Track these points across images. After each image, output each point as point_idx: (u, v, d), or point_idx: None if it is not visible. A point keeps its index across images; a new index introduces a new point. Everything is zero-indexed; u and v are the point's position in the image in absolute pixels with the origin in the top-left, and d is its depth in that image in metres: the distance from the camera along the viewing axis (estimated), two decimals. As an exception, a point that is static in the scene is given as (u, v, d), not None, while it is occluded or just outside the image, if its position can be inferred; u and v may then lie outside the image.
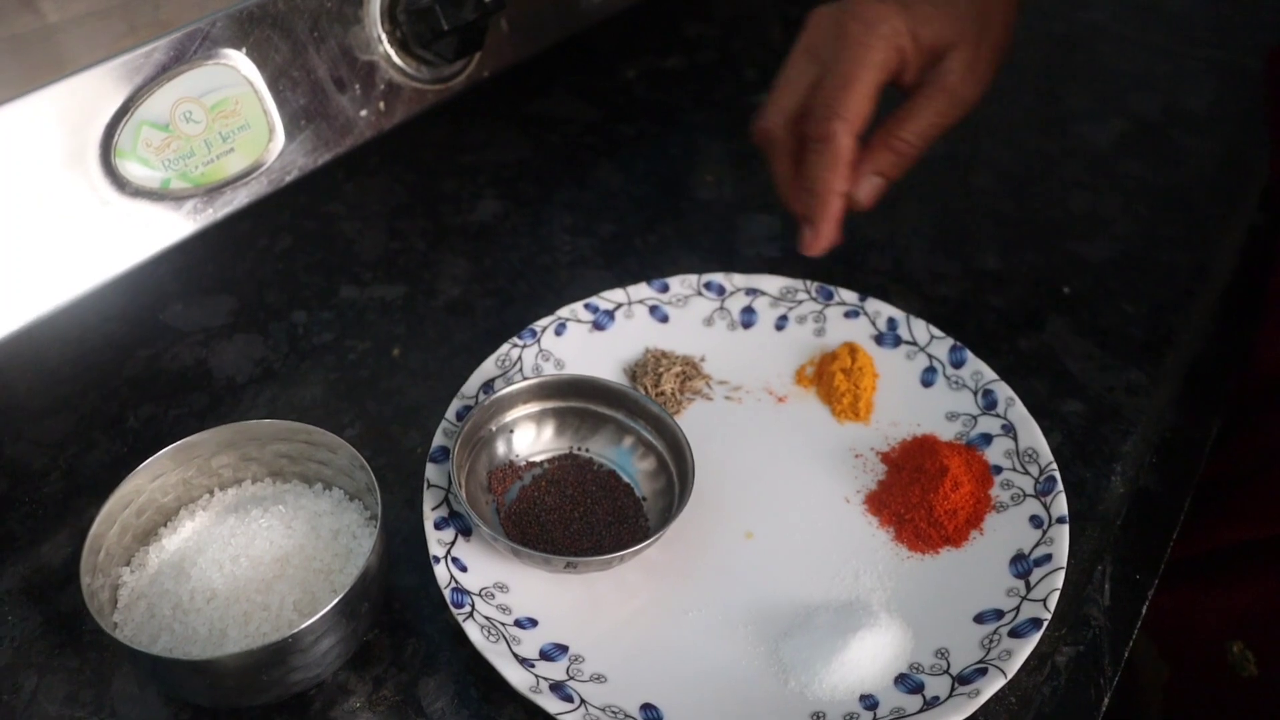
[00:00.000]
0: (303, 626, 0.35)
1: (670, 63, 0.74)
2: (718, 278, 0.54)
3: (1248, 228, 0.62)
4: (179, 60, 0.47)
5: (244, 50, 0.50)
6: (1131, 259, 0.59)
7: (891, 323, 0.52)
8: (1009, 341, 0.54)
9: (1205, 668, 0.63)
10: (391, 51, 0.56)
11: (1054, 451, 0.46)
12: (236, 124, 0.51)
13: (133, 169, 0.47)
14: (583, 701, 0.37)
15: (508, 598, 0.41)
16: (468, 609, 0.40)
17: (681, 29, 0.78)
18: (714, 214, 0.62)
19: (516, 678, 0.38)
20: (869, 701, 0.39)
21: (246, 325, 0.55)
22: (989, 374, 0.49)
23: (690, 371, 0.50)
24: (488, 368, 0.48)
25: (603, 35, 0.76)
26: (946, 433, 0.48)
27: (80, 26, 0.48)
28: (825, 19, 0.49)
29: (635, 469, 0.46)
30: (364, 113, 0.55)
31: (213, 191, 0.50)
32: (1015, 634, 0.40)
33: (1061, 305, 0.56)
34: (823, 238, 0.48)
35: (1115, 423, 0.50)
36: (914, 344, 0.51)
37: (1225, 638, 0.61)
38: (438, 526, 0.42)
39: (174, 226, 0.47)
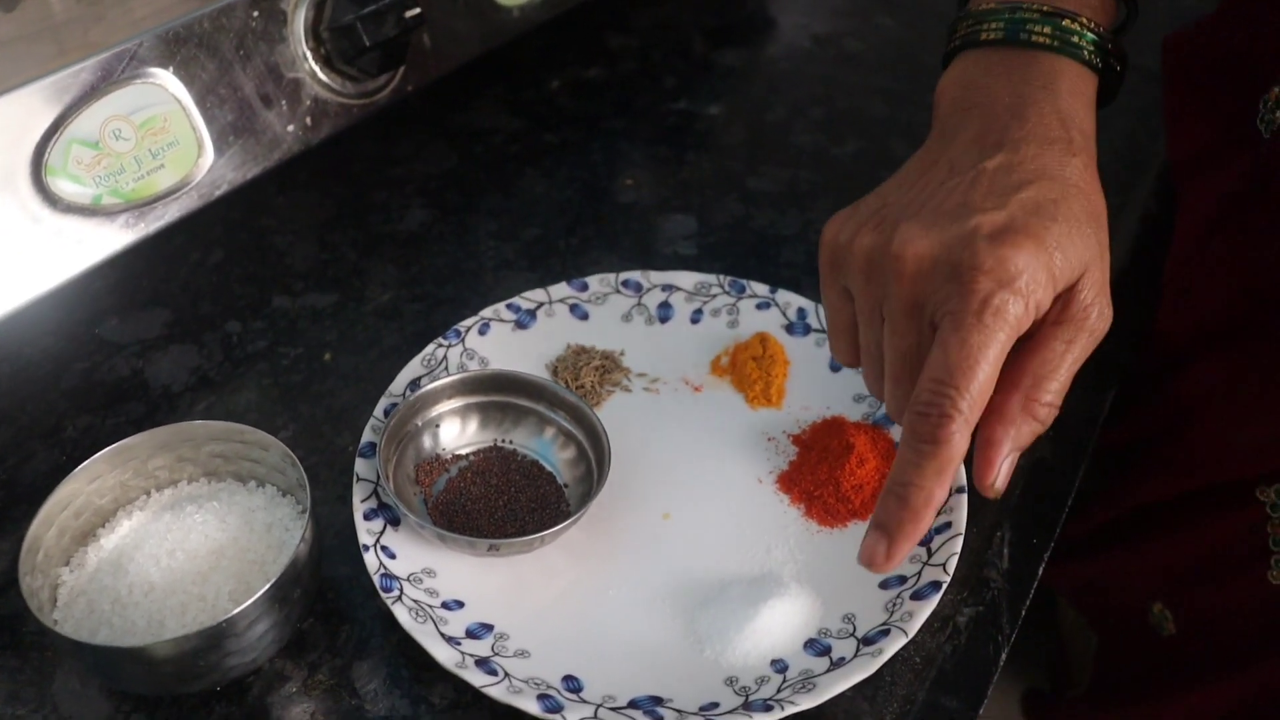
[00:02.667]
0: (235, 612, 0.37)
1: (592, 73, 0.77)
2: (635, 275, 0.56)
3: (1140, 216, 0.65)
4: (107, 79, 0.49)
5: (171, 69, 0.52)
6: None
7: (801, 312, 0.55)
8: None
9: (1130, 632, 0.66)
10: (316, 68, 0.58)
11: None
12: (166, 140, 0.53)
13: (64, 186, 0.48)
14: (506, 675, 0.40)
15: (435, 582, 0.43)
16: (396, 593, 0.42)
17: (603, 40, 0.81)
18: (633, 215, 0.64)
19: (443, 655, 0.40)
20: (779, 665, 0.41)
21: (181, 336, 0.56)
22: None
23: (609, 365, 0.53)
24: (414, 367, 0.51)
25: (526, 48, 0.78)
26: (854, 414, 0.51)
27: (8, 49, 0.49)
28: (933, 262, 0.37)
29: (556, 458, 0.48)
30: (291, 128, 0.57)
31: (144, 207, 0.52)
32: (917, 596, 0.42)
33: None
34: (898, 557, 0.36)
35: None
36: (823, 331, 0.54)
37: (1146, 600, 0.64)
38: (366, 517, 0.44)
39: (106, 241, 0.49)
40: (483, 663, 0.40)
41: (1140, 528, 0.64)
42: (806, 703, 0.38)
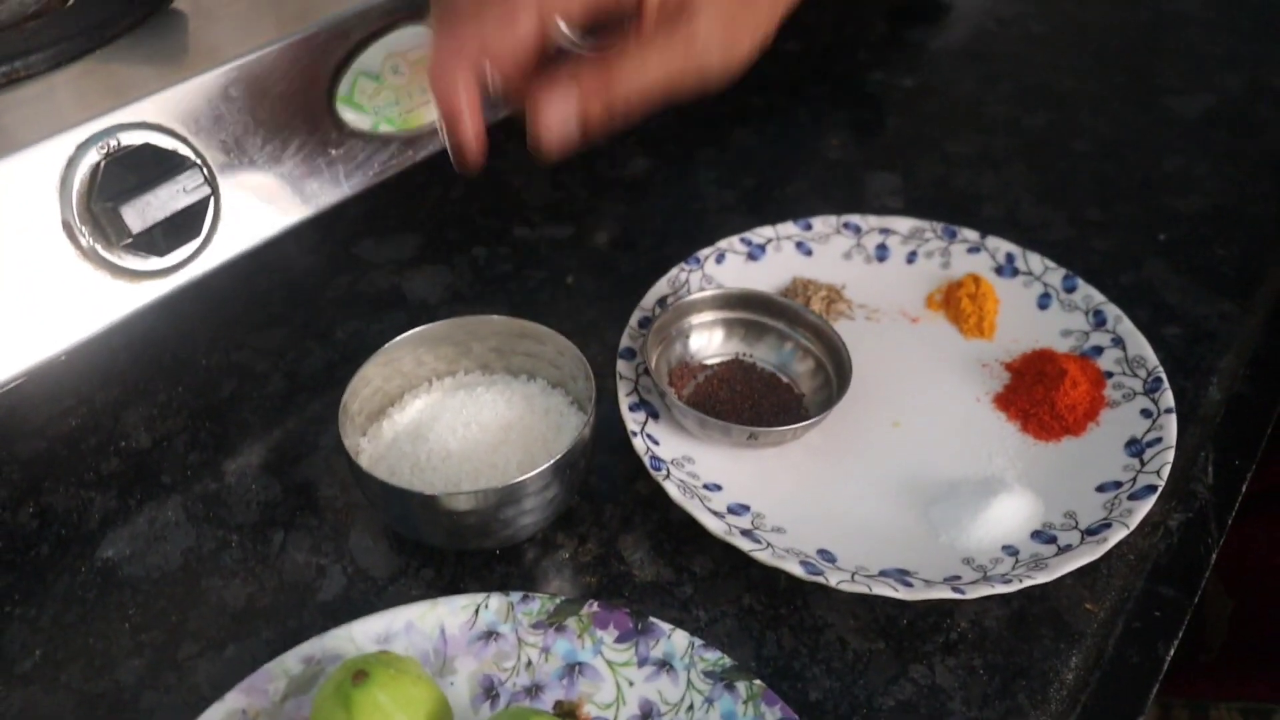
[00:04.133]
0: (525, 477, 0.42)
1: (790, 45, 0.81)
2: (854, 218, 0.60)
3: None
4: (391, 20, 0.55)
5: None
6: (1223, 211, 0.65)
7: (1010, 256, 0.58)
8: (1112, 278, 0.60)
9: (1268, 595, 0.68)
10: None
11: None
12: (434, 78, 0.58)
13: (349, 114, 0.54)
14: (769, 545, 0.44)
15: (695, 468, 0.48)
16: (664, 472, 0.46)
17: (797, 15, 0.85)
18: (840, 171, 0.68)
19: (713, 524, 0.44)
20: (1010, 550, 0.45)
21: (433, 258, 0.62)
22: (1098, 297, 0.55)
23: (834, 296, 0.57)
24: (661, 286, 0.55)
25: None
26: (1062, 347, 0.55)
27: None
28: None
29: (796, 370, 0.53)
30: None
31: (411, 136, 0.57)
32: (1134, 498, 0.46)
33: (1159, 249, 0.63)
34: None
35: (1210, 343, 0.56)
36: (1030, 274, 0.58)
37: None
38: (631, 409, 0.49)
39: (382, 166, 0.54)
40: (747, 533, 0.44)
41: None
42: (1040, 578, 0.42)
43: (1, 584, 0.45)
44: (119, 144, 0.45)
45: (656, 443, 0.48)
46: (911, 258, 0.59)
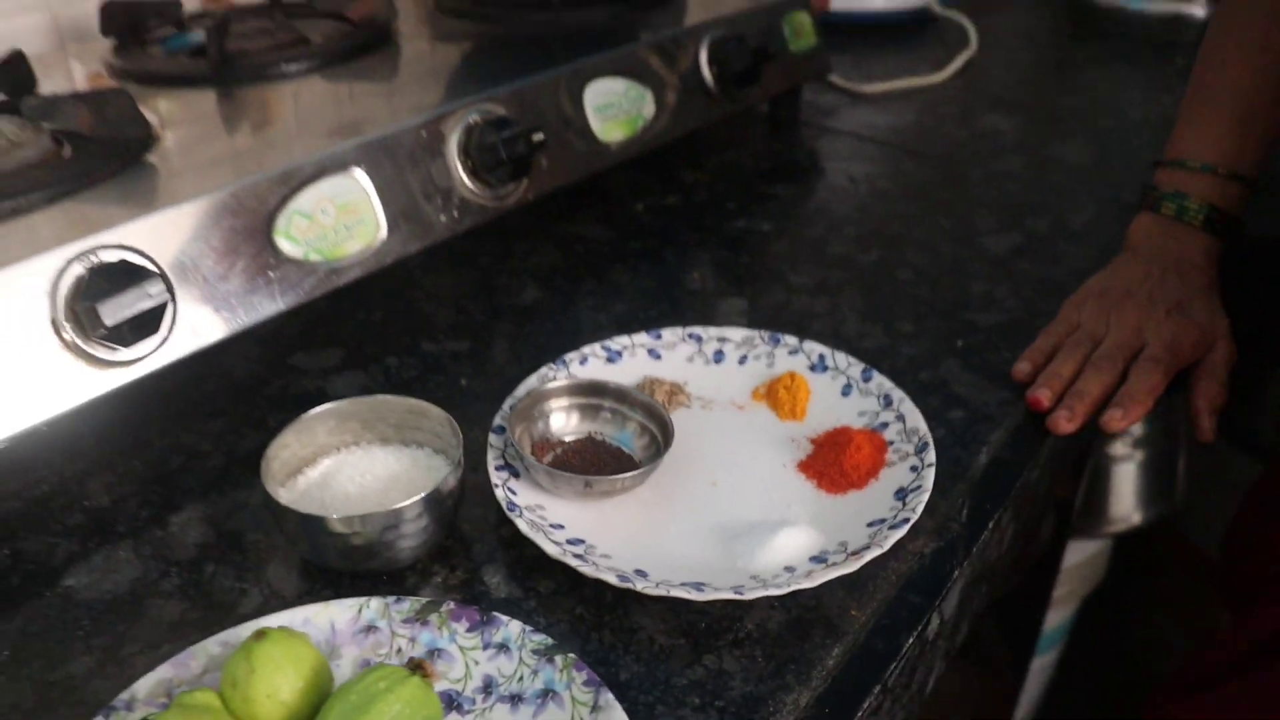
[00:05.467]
0: (403, 504, 0.54)
1: (670, 200, 0.97)
2: (698, 329, 0.74)
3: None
4: (321, 172, 0.69)
5: (363, 168, 0.72)
6: (1014, 323, 0.79)
7: (821, 356, 0.72)
8: (913, 375, 0.73)
9: None
10: (464, 176, 0.78)
11: (938, 443, 0.65)
12: (356, 218, 0.72)
13: (284, 244, 0.68)
14: (594, 564, 0.56)
15: (544, 512, 0.60)
16: (518, 513, 0.58)
17: (680, 175, 1.01)
18: (698, 299, 0.82)
19: (551, 549, 0.56)
20: (790, 569, 0.57)
21: (352, 366, 0.75)
22: (889, 384, 0.69)
23: (675, 390, 0.70)
24: (531, 381, 0.69)
25: (619, 177, 0.99)
26: (857, 424, 0.67)
27: (255, 154, 0.70)
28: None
29: (634, 444, 0.65)
30: (443, 218, 0.77)
31: (336, 265, 0.71)
32: (893, 528, 0.58)
33: (955, 353, 0.76)
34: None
35: (986, 423, 0.69)
36: (837, 369, 0.71)
37: None
38: (497, 469, 0.62)
39: (310, 288, 0.68)
40: (577, 556, 0.56)
41: (1234, 669, 0.72)
42: (806, 584, 0.54)
43: (-19, 605, 0.57)
44: (99, 260, 0.59)
45: (514, 493, 0.60)
46: (743, 360, 0.73)
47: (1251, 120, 0.80)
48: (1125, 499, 1.36)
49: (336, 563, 0.57)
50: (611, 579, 0.54)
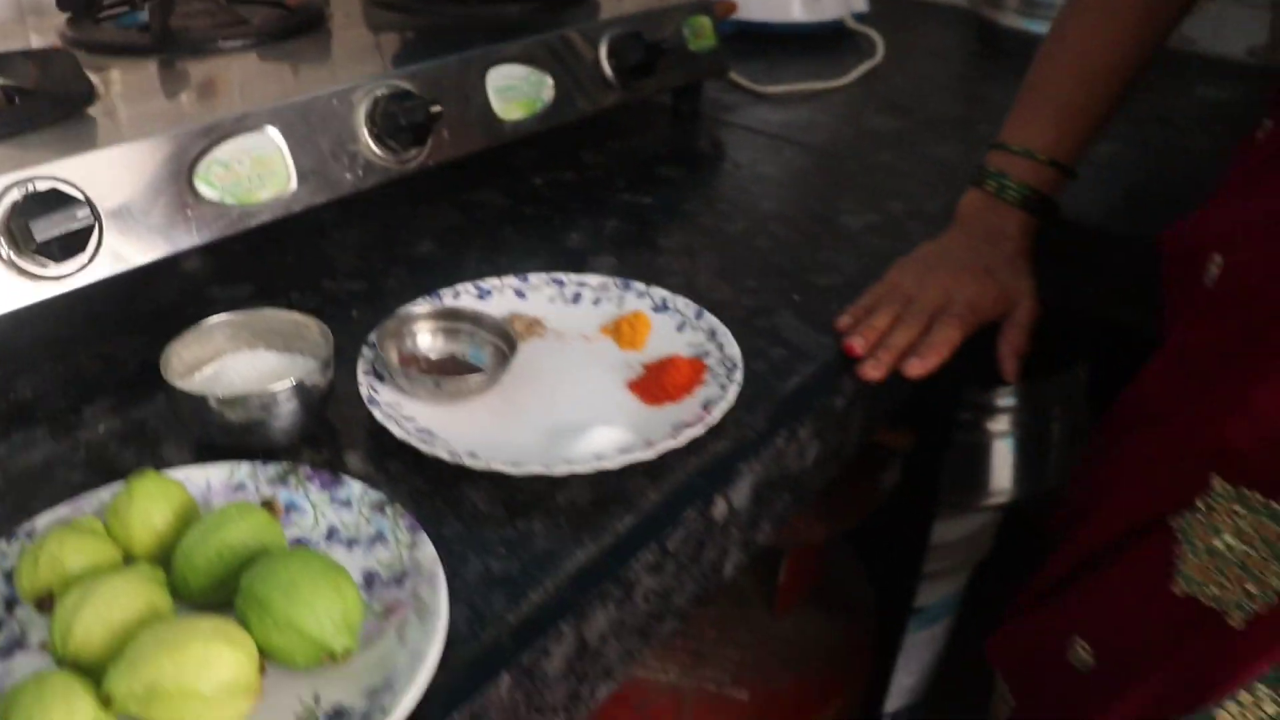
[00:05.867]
0: (277, 388, 0.65)
1: (567, 176, 1.08)
2: (560, 275, 0.85)
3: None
4: (239, 128, 0.80)
5: (278, 127, 0.83)
6: (850, 284, 0.90)
7: (665, 299, 0.83)
8: (748, 322, 0.84)
9: (1051, 680, 0.79)
10: (369, 140, 0.89)
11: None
12: (269, 170, 0.84)
13: (203, 188, 0.79)
14: (433, 446, 0.67)
15: (400, 409, 0.71)
16: (376, 407, 0.70)
17: (580, 156, 1.13)
18: (574, 257, 0.94)
19: (399, 433, 0.67)
20: (598, 455, 0.68)
21: (261, 298, 0.86)
22: (716, 321, 0.80)
23: (534, 324, 0.82)
24: (407, 309, 0.80)
25: (525, 155, 1.11)
26: (685, 353, 0.79)
27: (189, 111, 0.81)
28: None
29: (487, 362, 0.76)
30: (348, 176, 0.88)
31: (248, 209, 0.82)
32: (690, 427, 0.69)
33: (791, 306, 0.87)
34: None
35: (802, 360, 0.80)
36: (676, 310, 0.82)
37: (1067, 643, 0.76)
38: (364, 374, 0.73)
39: (223, 226, 0.79)
40: (421, 440, 0.67)
41: (1065, 582, 0.81)
42: (606, 465, 0.65)
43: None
44: (34, 188, 0.70)
45: (376, 391, 0.72)
46: (597, 301, 0.84)
47: (1069, 116, 0.93)
48: (1002, 473, 1.46)
49: (219, 439, 0.68)
50: (445, 456, 0.65)
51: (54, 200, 0.71)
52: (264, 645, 0.51)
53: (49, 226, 0.70)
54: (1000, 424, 1.48)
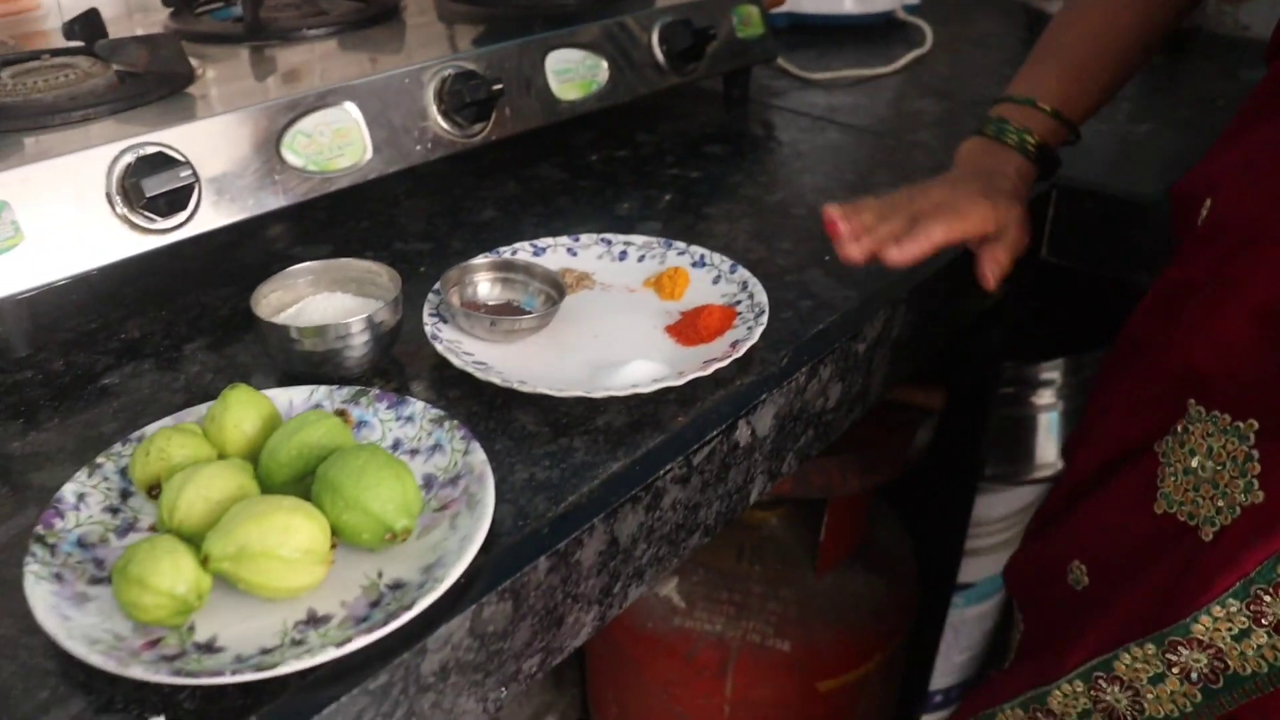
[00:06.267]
0: (351, 320, 0.74)
1: (620, 153, 1.17)
2: (608, 235, 0.94)
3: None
4: (321, 104, 0.90)
5: (355, 102, 0.92)
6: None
7: (703, 256, 0.91)
8: (779, 278, 0.92)
9: (1053, 598, 0.86)
10: (438, 115, 0.98)
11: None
12: (347, 141, 0.93)
13: (289, 155, 0.89)
14: (487, 374, 0.76)
15: (459, 345, 0.80)
16: (439, 342, 0.78)
17: (634, 136, 1.21)
18: (623, 223, 1.02)
19: (457, 362, 0.76)
20: (635, 385, 0.76)
21: (339, 257, 0.96)
22: (748, 274, 0.87)
23: (583, 277, 0.90)
24: (468, 261, 0.89)
25: (582, 135, 1.19)
26: (719, 302, 0.87)
27: (276, 87, 0.91)
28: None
29: (539, 308, 0.85)
30: (418, 148, 0.97)
31: (330, 175, 0.92)
32: (718, 362, 0.77)
33: (820, 264, 0.95)
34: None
35: (828, 310, 0.87)
36: (713, 266, 0.90)
37: (1066, 563, 0.82)
38: (429, 316, 0.82)
39: (309, 190, 0.89)
40: (476, 367, 0.76)
41: (1065, 508, 0.87)
42: (642, 390, 0.73)
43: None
44: (143, 152, 0.80)
45: (439, 329, 0.80)
46: (641, 259, 0.92)
47: (1074, 72, 0.94)
48: (1047, 446, 1.52)
49: (300, 367, 0.77)
50: (498, 381, 0.74)
51: (160, 162, 0.81)
52: (335, 523, 0.60)
53: (157, 184, 0.80)
54: (1045, 397, 1.53)
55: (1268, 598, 0.66)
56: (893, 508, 1.46)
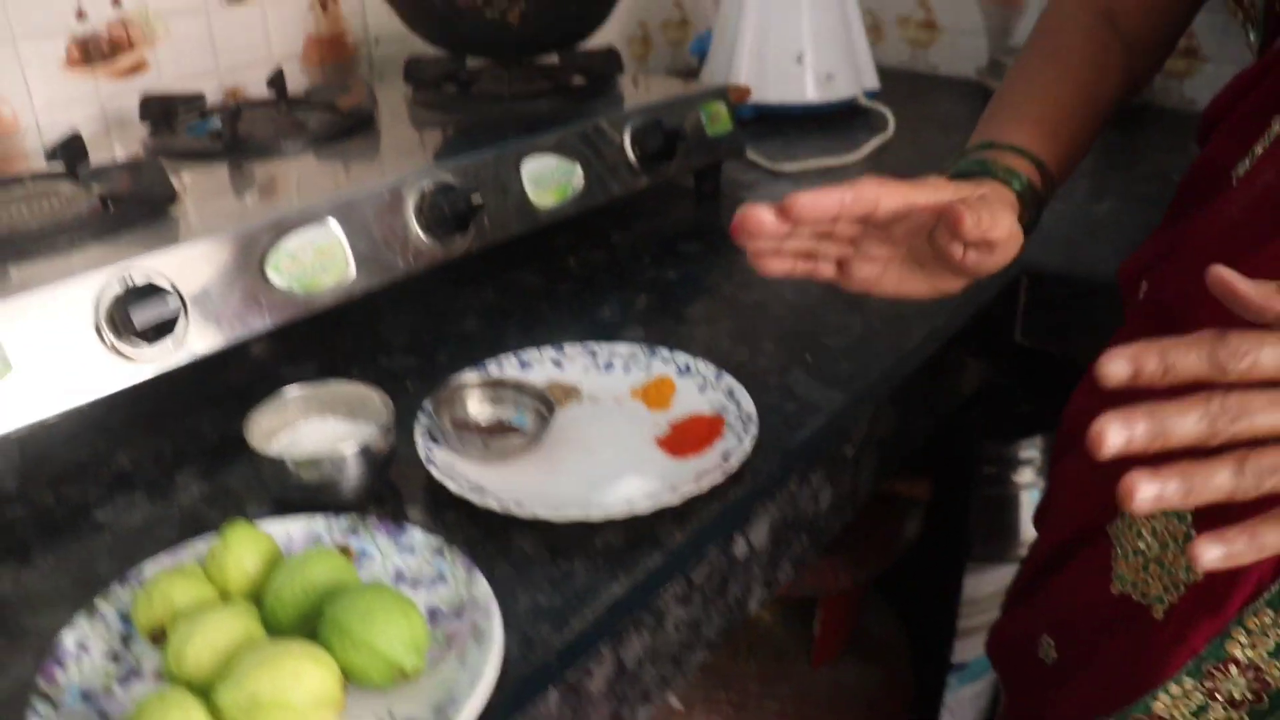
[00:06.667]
0: (345, 450, 0.75)
1: (597, 255, 1.18)
2: (593, 345, 0.95)
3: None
4: (303, 222, 0.91)
5: (337, 219, 0.93)
6: (857, 345, 0.99)
7: (687, 364, 0.92)
8: (763, 380, 0.93)
9: (1029, 672, 0.86)
10: (418, 228, 0.99)
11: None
12: (330, 259, 0.94)
13: (273, 275, 0.89)
14: (484, 499, 0.76)
15: (454, 468, 0.80)
16: (434, 466, 0.79)
17: (609, 236, 1.23)
18: (605, 329, 1.03)
19: (453, 488, 0.76)
20: (630, 504, 0.77)
21: (325, 375, 0.96)
22: (733, 381, 0.89)
23: (571, 390, 0.91)
24: (455, 379, 0.89)
25: (558, 237, 1.21)
26: (706, 411, 0.88)
27: (254, 208, 0.92)
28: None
29: (530, 425, 0.86)
30: (400, 262, 0.98)
31: (313, 294, 0.92)
32: (709, 476, 0.78)
33: (803, 365, 0.96)
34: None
35: (813, 413, 0.89)
36: (698, 373, 0.91)
37: (1037, 638, 0.81)
38: (421, 438, 0.82)
39: (291, 311, 0.89)
40: (473, 493, 0.76)
41: (1035, 582, 0.88)
42: (639, 510, 0.74)
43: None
44: (131, 281, 0.80)
45: (432, 452, 0.81)
46: (627, 368, 0.93)
47: (1055, 129, 0.87)
48: (1030, 524, 1.53)
49: (296, 497, 0.77)
50: (495, 506, 0.74)
51: (147, 292, 0.81)
52: (344, 665, 0.60)
53: (145, 312, 0.80)
54: (1025, 476, 1.55)
55: (1220, 674, 0.68)
56: (883, 594, 1.47)
